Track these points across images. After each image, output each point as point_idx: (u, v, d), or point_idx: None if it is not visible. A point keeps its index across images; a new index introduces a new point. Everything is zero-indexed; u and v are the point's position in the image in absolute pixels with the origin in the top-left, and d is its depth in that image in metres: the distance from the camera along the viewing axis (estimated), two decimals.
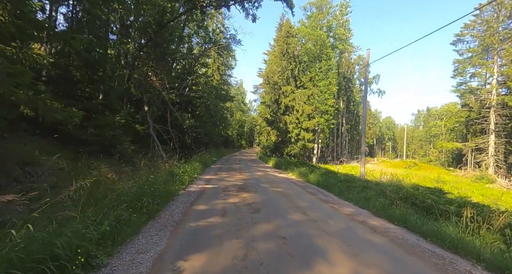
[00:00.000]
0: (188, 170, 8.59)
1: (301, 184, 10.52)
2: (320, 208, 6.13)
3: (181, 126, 14.26)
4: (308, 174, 12.39)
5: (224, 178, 10.41)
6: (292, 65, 31.70)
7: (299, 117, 30.54)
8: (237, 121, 57.54)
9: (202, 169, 12.18)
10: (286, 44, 31.32)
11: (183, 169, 8.13)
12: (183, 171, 7.89)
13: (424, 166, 34.84)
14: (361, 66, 50.72)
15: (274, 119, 32.92)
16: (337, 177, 11.64)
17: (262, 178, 11.37)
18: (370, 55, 11.48)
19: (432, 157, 52.14)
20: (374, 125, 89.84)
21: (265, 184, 9.26)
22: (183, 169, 8.32)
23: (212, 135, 25.78)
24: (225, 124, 30.93)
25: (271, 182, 10.03)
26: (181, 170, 7.71)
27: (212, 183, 8.62)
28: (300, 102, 30.77)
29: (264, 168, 17.16)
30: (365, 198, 7.03)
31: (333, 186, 9.30)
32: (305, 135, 30.05)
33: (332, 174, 12.06)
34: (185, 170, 8.12)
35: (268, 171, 15.17)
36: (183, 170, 7.94)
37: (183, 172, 7.79)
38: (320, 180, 10.81)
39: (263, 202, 6.24)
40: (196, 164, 10.72)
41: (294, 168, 15.03)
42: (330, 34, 32.69)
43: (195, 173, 9.41)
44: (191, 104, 18.67)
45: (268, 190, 8.01)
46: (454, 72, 32.73)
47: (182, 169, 8.15)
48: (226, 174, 12.08)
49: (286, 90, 31.35)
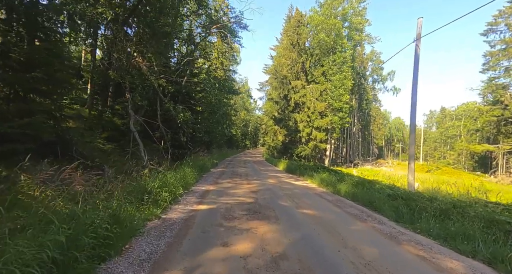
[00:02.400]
0: (172, 181, 5.77)
1: (331, 198, 7.68)
2: (402, 261, 3.27)
3: (174, 120, 11.52)
4: (336, 183, 9.54)
5: (226, 189, 7.60)
6: (303, 58, 28.82)
7: (311, 115, 27.64)
8: (242, 120, 54.85)
9: (198, 175, 9.41)
10: (296, 35, 28.45)
11: (162, 181, 5.31)
12: (161, 183, 5.08)
13: (447, 169, 31.55)
14: (374, 62, 47.65)
15: (283, 117, 30.05)
16: (375, 186, 8.77)
17: (277, 188, 8.54)
18: (421, 26, 8.57)
19: (450, 160, 48.59)
20: (384, 126, 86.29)
21: (286, 201, 6.43)
22: (164, 179, 5.52)
23: (214, 134, 23.03)
24: (229, 123, 28.17)
25: (292, 197, 7.19)
26: (156, 183, 4.90)
27: (208, 201, 5.80)
28: (312, 98, 27.88)
29: (274, 173, 14.32)
30: (465, 236, 4.15)
31: (381, 203, 6.45)
32: (317, 135, 27.13)
33: (368, 182, 9.17)
34: (164, 182, 5.32)
35: (281, 177, 12.33)
36: (161, 182, 5.13)
37: (161, 186, 4.98)
38: (356, 192, 7.96)
39: (296, 247, 3.40)
40: (187, 169, 7.89)
41: (312, 174, 12.18)
42: (345, 25, 29.66)
43: (185, 183, 6.59)
44: (190, 97, 15.97)
45: (295, 215, 5.18)
46: (484, 66, 29.39)
47: (161, 180, 5.33)
48: (229, 182, 9.29)
49: (296, 85, 28.48)
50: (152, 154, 11.22)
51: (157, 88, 10.51)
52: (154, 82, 10.26)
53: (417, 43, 8.60)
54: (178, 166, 8.85)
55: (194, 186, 7.56)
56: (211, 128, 20.96)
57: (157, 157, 11.02)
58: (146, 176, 5.71)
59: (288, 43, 29.60)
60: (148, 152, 11.39)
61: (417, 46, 8.60)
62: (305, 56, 28.96)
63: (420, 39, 8.60)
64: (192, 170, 8.28)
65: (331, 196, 8.24)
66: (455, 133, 53.76)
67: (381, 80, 47.12)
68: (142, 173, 6.73)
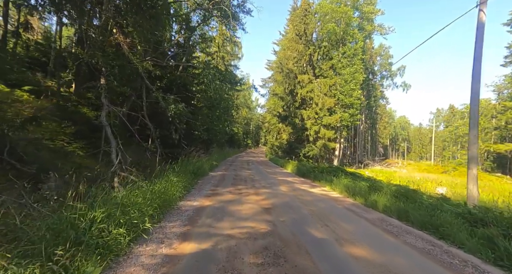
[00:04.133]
0: (140, 200, 3.60)
1: (371, 217, 5.61)
2: None
3: (165, 114, 9.44)
4: (367, 192, 7.44)
5: (227, 205, 5.49)
6: (311, 50, 26.61)
7: (319, 112, 25.49)
8: (243, 118, 52.75)
9: (191, 182, 7.30)
10: (304, 24, 26.24)
11: (118, 203, 3.15)
12: (114, 209, 2.92)
13: (465, 171, 29.25)
14: (382, 57, 45.35)
15: (288, 114, 27.90)
16: (422, 198, 6.67)
17: (295, 201, 6.43)
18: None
19: (461, 160, 46.24)
20: (389, 125, 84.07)
21: (317, 228, 4.31)
22: (126, 200, 3.39)
23: (214, 132, 20.92)
24: (230, 120, 26.07)
25: (321, 216, 5.08)
26: (98, 213, 2.73)
27: (199, 232, 3.64)
28: (320, 93, 25.71)
29: (283, 176, 12.22)
30: None
31: (456, 231, 4.35)
32: (326, 133, 24.99)
33: (411, 192, 7.04)
34: (126, 204, 3.19)
35: (293, 182, 10.23)
36: (113, 207, 2.97)
37: (113, 215, 2.83)
38: (403, 207, 5.86)
39: None
40: (173, 178, 5.70)
41: (331, 178, 10.07)
42: (355, 15, 27.39)
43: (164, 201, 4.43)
44: (186, 89, 13.88)
45: (345, 263, 3.07)
46: (506, 60, 27.09)
47: (114, 202, 3.16)
48: (232, 191, 7.19)
49: (303, 80, 26.29)
50: (139, 155, 9.18)
51: (141, 72, 8.41)
52: (138, 65, 8.15)
53: (482, 7, 6.43)
54: (168, 170, 6.75)
55: (183, 201, 5.45)
56: (211, 125, 18.86)
57: (143, 159, 8.99)
58: (106, 190, 3.61)
59: (294, 34, 27.40)
60: (134, 153, 9.36)
61: (482, 11, 6.44)
62: (313, 48, 26.76)
63: (486, 3, 6.44)
64: (180, 178, 6.15)
65: (368, 212, 6.15)
66: (466, 132, 51.36)
67: (390, 76, 44.80)
68: (107, 184, 4.66)
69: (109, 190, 4.51)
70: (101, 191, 4.20)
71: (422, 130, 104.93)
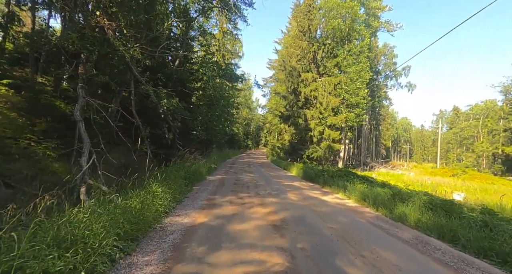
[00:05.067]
0: (87, 233, 2.41)
1: (407, 236, 4.49)
2: None
3: (156, 110, 8.28)
4: (393, 202, 6.28)
5: (227, 222, 4.29)
6: (315, 47, 25.50)
7: (323, 112, 24.35)
8: (244, 118, 51.60)
9: (183, 190, 6.11)
10: (308, 20, 25.14)
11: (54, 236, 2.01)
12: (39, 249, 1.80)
13: (475, 174, 28.14)
14: (387, 56, 44.29)
15: (291, 114, 26.72)
16: (461, 211, 5.51)
17: (311, 215, 5.26)
18: None
19: (467, 162, 45.10)
20: (391, 126, 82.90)
21: (352, 263, 3.13)
22: (67, 229, 2.22)
23: (214, 133, 19.73)
24: (230, 119, 24.91)
25: (347, 238, 3.91)
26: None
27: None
28: (324, 92, 24.60)
29: (289, 180, 11.05)
30: None
31: None
32: (331, 134, 23.84)
33: (449, 203, 5.86)
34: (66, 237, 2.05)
35: (302, 188, 9.05)
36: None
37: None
38: (447, 225, 4.71)
39: None
40: (158, 189, 4.41)
41: (345, 184, 8.90)
42: (361, 11, 26.26)
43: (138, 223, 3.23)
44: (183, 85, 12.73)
45: None
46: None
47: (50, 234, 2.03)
48: (232, 201, 6.01)
49: (307, 78, 25.15)
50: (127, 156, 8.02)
51: (128, 62, 7.26)
52: (124, 52, 7.00)
53: None
54: (154, 176, 5.57)
55: (170, 216, 4.27)
56: (210, 125, 17.70)
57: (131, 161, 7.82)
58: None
59: (297, 31, 26.30)
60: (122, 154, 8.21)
61: None
62: (317, 45, 25.65)
63: None
64: (169, 187, 4.95)
65: (398, 228, 5.01)
66: (472, 134, 50.29)
67: (394, 76, 43.72)
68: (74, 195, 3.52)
69: (70, 204, 3.36)
70: (57, 207, 3.06)
71: (424, 132, 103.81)
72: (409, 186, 11.23)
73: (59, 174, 5.43)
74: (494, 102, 48.39)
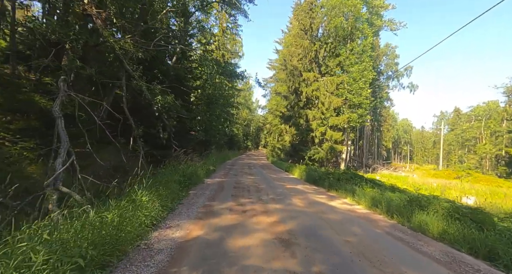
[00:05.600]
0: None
1: (437, 252, 3.86)
2: None
3: (150, 108, 7.65)
4: (409, 210, 5.66)
5: (224, 237, 3.62)
6: (317, 46, 24.95)
7: (325, 112, 23.77)
8: (243, 119, 50.98)
9: (171, 203, 5.42)
10: (309, 18, 24.61)
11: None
12: None
13: (480, 176, 27.55)
14: (388, 57, 43.82)
15: (292, 114, 26.15)
16: (493, 221, 4.90)
17: (319, 224, 4.62)
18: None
19: (470, 164, 44.51)
20: (392, 127, 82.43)
21: None
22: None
23: (213, 133, 19.10)
24: (230, 120, 24.29)
25: (368, 256, 3.28)
26: None
27: None
28: (326, 92, 24.01)
29: (292, 184, 10.42)
30: None
31: None
32: (333, 135, 23.24)
33: (479, 213, 5.22)
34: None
35: (307, 192, 8.42)
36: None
37: None
38: (481, 238, 4.09)
39: None
40: (143, 198, 3.72)
41: (353, 188, 8.28)
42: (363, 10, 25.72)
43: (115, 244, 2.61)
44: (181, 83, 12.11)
45: None
46: None
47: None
48: (232, 208, 5.37)
49: (308, 78, 24.59)
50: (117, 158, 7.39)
51: (119, 54, 6.64)
52: (115, 44, 6.38)
53: None
54: (143, 180, 4.93)
55: (160, 229, 3.63)
56: (209, 125, 17.06)
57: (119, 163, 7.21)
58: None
59: (299, 30, 25.75)
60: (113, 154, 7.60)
61: None
62: (319, 44, 25.09)
63: None
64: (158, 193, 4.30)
65: (420, 240, 4.41)
66: (474, 135, 49.76)
67: (396, 76, 43.21)
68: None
69: (40, 214, 2.74)
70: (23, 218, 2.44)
71: (424, 133, 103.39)
72: (419, 190, 10.61)
73: (36, 178, 4.80)
74: (496, 103, 47.93)
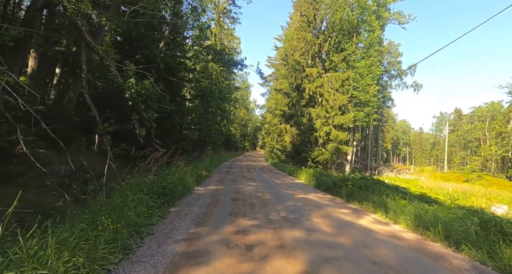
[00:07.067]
0: None
1: None
2: None
3: (120, 94, 5.79)
4: (484, 237, 3.89)
5: None
6: (320, 39, 23.29)
7: (330, 110, 22.07)
8: (241, 119, 49.14)
9: (136, 233, 3.56)
10: (313, 9, 22.93)
11: None
12: None
13: (492, 179, 26.10)
14: (392, 55, 42.46)
15: (294, 113, 24.41)
16: None
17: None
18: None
19: (473, 166, 43.24)
20: (392, 128, 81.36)
21: None
22: None
23: (209, 132, 17.21)
24: (227, 118, 22.44)
25: None
26: None
27: None
28: (331, 89, 22.32)
29: (302, 192, 8.61)
30: None
31: None
32: (339, 135, 21.53)
33: None
34: None
35: (323, 205, 6.61)
36: None
37: None
38: None
39: None
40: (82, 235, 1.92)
41: (383, 199, 6.51)
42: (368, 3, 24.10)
43: None
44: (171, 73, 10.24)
45: None
46: None
47: None
48: (230, 243, 3.55)
49: (311, 73, 22.91)
50: (75, 161, 5.53)
51: (75, 19, 4.77)
52: (69, 7, 4.52)
53: None
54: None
55: None
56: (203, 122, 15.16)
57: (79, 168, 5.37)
58: None
59: (301, 22, 24.08)
60: (72, 157, 5.77)
61: None
62: (323, 37, 23.43)
63: None
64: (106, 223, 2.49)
65: None
66: (477, 136, 48.62)
67: (399, 75, 41.85)
68: None
69: None
70: None
71: (422, 135, 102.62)
72: (456, 200, 8.87)
73: None
74: (500, 104, 46.84)
